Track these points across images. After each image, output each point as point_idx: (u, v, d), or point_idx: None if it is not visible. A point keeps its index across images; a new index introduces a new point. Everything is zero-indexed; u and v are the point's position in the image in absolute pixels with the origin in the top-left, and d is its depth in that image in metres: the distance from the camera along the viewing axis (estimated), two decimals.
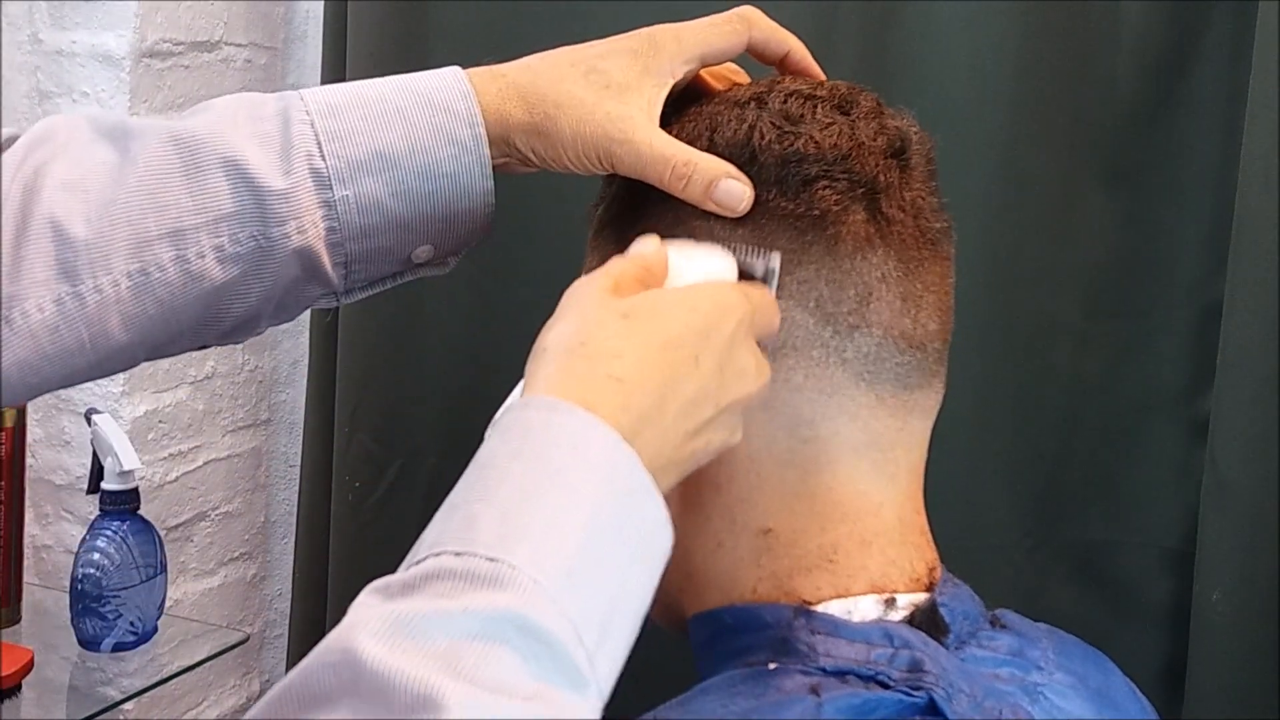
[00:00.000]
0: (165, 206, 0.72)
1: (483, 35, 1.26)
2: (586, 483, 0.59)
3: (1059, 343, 1.19)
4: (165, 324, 0.74)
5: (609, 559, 0.58)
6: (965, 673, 0.69)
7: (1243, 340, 1.07)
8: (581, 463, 0.59)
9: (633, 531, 0.60)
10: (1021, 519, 1.21)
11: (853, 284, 0.71)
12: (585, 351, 0.63)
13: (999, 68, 1.16)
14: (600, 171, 0.75)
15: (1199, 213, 1.15)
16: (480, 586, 0.54)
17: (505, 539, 0.56)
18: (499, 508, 0.57)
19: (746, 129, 0.73)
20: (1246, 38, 1.09)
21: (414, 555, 0.57)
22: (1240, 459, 1.07)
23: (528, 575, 0.55)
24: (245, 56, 1.45)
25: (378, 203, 0.74)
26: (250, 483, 1.55)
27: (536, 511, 0.57)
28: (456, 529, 0.57)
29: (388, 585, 0.56)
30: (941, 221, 0.75)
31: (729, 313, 0.66)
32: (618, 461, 0.60)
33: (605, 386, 0.61)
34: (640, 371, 0.62)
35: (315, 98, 0.75)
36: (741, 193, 0.72)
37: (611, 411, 0.60)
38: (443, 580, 0.55)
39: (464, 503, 0.58)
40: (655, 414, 0.62)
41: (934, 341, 0.74)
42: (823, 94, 0.75)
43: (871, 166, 0.72)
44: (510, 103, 0.75)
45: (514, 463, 0.59)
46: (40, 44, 1.35)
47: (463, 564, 0.55)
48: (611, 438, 0.60)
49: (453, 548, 0.56)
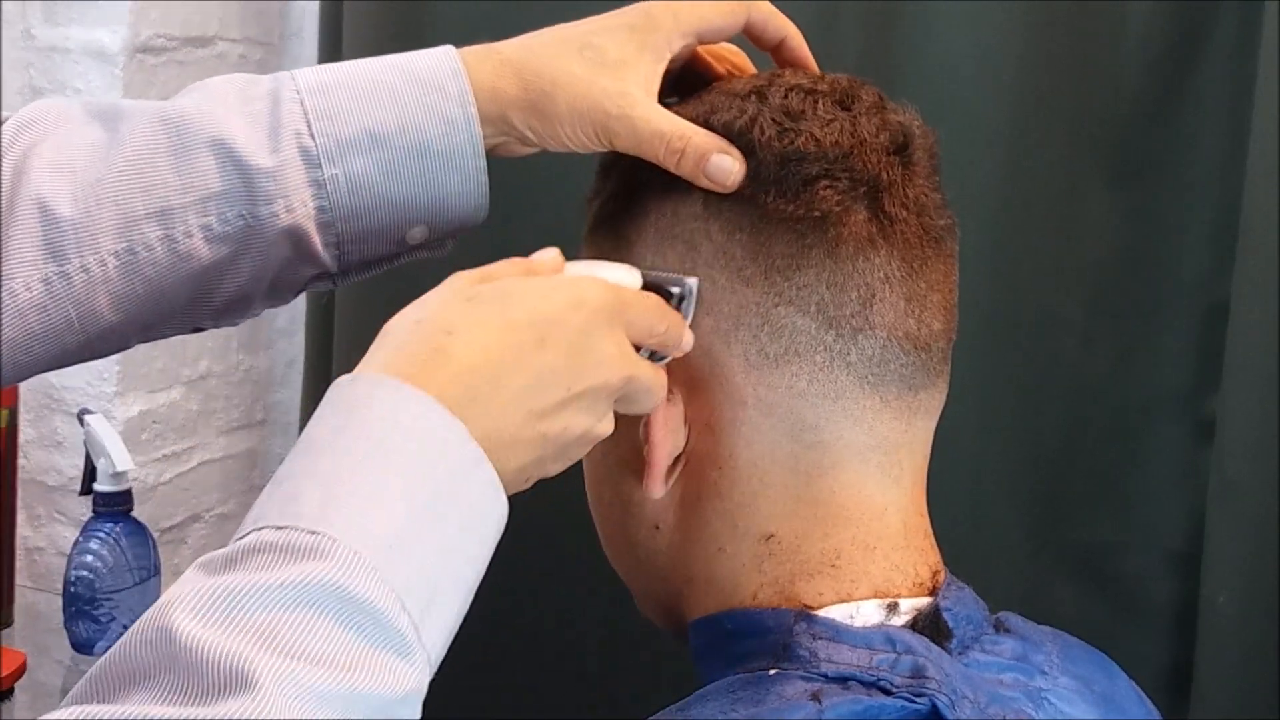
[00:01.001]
0: (152, 186, 0.72)
1: (478, 31, 1.24)
2: (407, 452, 0.58)
3: (1063, 342, 1.19)
4: (155, 304, 0.74)
5: (433, 527, 0.58)
6: (969, 678, 0.69)
7: (1249, 339, 1.06)
8: (402, 433, 0.59)
9: (461, 500, 0.60)
10: (1025, 520, 1.21)
11: (855, 286, 0.70)
12: (419, 329, 0.63)
13: (1003, 65, 1.16)
14: (597, 148, 0.75)
15: (1205, 211, 1.14)
16: (300, 559, 0.54)
17: (326, 511, 0.56)
18: (320, 481, 0.57)
19: (746, 121, 0.72)
20: (1252, 35, 1.08)
21: (239, 531, 0.57)
22: (1246, 460, 1.07)
23: (347, 546, 0.55)
24: (240, 52, 1.44)
25: (368, 182, 0.74)
26: (245, 484, 1.54)
27: (358, 483, 0.57)
28: (279, 503, 0.57)
29: (210, 560, 0.56)
30: (945, 219, 0.74)
31: (585, 301, 0.65)
32: (438, 431, 0.60)
33: (432, 360, 0.61)
34: (472, 348, 0.62)
35: (306, 76, 0.75)
36: (731, 166, 0.71)
37: (438, 384, 0.60)
38: (262, 554, 0.54)
39: (287, 477, 0.58)
40: (489, 389, 0.62)
41: (938, 341, 0.73)
42: (824, 89, 0.74)
43: (873, 164, 0.71)
44: (505, 79, 0.75)
45: (337, 437, 0.59)
46: (34, 40, 1.35)
47: (283, 537, 0.55)
48: (435, 409, 0.60)
49: (274, 522, 0.56)
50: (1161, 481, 1.18)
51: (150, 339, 0.78)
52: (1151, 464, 1.18)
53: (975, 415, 1.17)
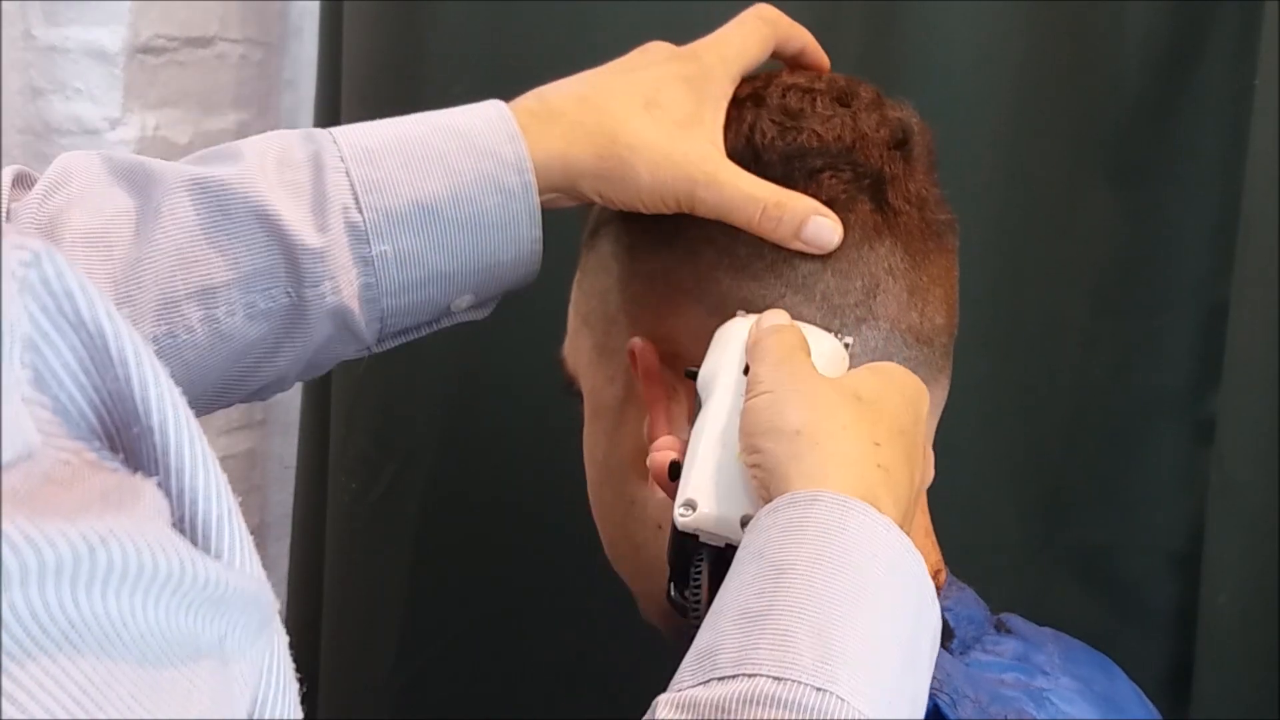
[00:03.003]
0: (193, 263, 0.69)
1: (479, 31, 1.26)
2: (894, 594, 0.56)
3: (1063, 342, 1.19)
4: (189, 385, 0.68)
5: (915, 667, 0.56)
6: (970, 678, 0.68)
7: (1249, 340, 1.06)
8: (886, 570, 0.56)
9: (927, 630, 0.58)
10: (1026, 521, 1.20)
11: (859, 275, 0.70)
12: (845, 440, 0.60)
13: (1003, 66, 1.16)
14: (673, 211, 0.72)
15: (1204, 211, 1.14)
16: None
17: (826, 663, 0.53)
18: (812, 624, 0.54)
19: (747, 129, 0.72)
20: (1252, 35, 1.08)
21: (708, 667, 0.54)
22: (1247, 461, 1.06)
23: (854, 708, 0.52)
24: (240, 52, 1.44)
25: (418, 257, 0.70)
26: (245, 484, 1.53)
27: (852, 631, 0.54)
28: (769, 647, 0.53)
29: (694, 705, 0.53)
30: (945, 214, 0.74)
31: (922, 398, 0.65)
32: (912, 567, 0.57)
33: (876, 479, 0.59)
34: (895, 461, 0.60)
35: (349, 140, 0.71)
36: (832, 230, 0.69)
37: (889, 506, 0.58)
38: (765, 706, 0.52)
39: (766, 613, 0.55)
40: (910, 498, 0.60)
41: (940, 336, 0.73)
42: (821, 87, 0.74)
43: (876, 158, 0.71)
44: (577, 146, 0.71)
45: (815, 569, 0.55)
46: (33, 40, 1.34)
47: (786, 692, 0.52)
48: (904, 541, 0.57)
49: (769, 671, 0.52)
50: (1161, 481, 1.17)
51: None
52: (1151, 464, 1.17)
53: (976, 415, 1.17)
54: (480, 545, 1.30)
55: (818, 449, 0.59)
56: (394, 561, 1.33)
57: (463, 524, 1.30)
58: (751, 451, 0.62)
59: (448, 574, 1.32)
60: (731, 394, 0.66)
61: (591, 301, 0.77)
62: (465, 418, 1.30)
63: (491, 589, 1.30)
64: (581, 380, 0.78)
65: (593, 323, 0.77)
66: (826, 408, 0.61)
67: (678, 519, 0.64)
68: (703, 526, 0.63)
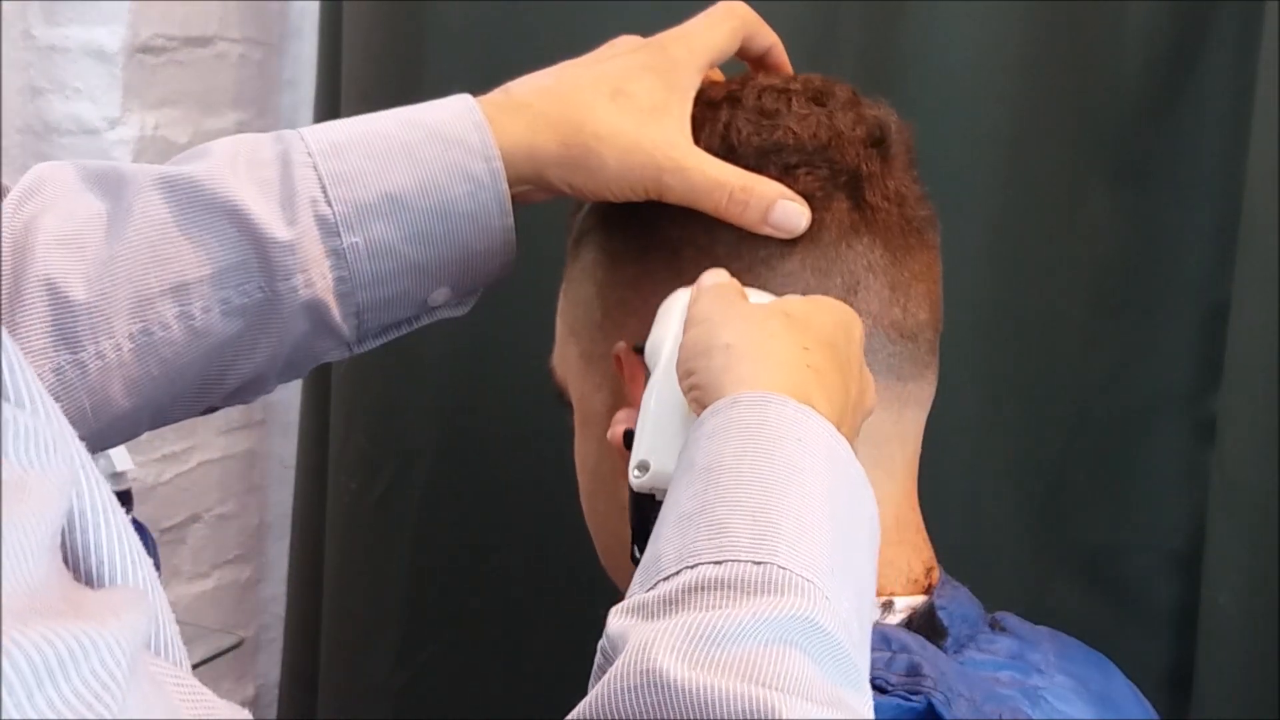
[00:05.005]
0: (166, 259, 0.69)
1: (478, 31, 1.26)
2: (819, 475, 0.56)
3: (1063, 341, 1.19)
4: (169, 384, 0.70)
5: (853, 551, 0.56)
6: (964, 676, 0.68)
7: (1250, 339, 1.06)
8: (809, 454, 0.57)
9: (864, 520, 0.58)
10: (1025, 520, 1.20)
11: (839, 272, 0.70)
12: (774, 346, 0.60)
13: (1003, 66, 1.16)
14: (641, 199, 0.72)
15: (1205, 210, 1.14)
16: (756, 592, 0.51)
17: (762, 542, 0.53)
18: (745, 510, 0.54)
19: (722, 127, 0.72)
20: (1253, 35, 1.08)
21: (653, 573, 0.54)
22: (1248, 460, 1.06)
23: (800, 575, 0.52)
24: (240, 52, 1.44)
25: (390, 247, 0.70)
26: (245, 484, 1.54)
27: (783, 510, 0.54)
28: (706, 538, 0.54)
29: (643, 605, 0.53)
30: (925, 210, 0.75)
31: (855, 324, 0.65)
32: (838, 450, 0.58)
33: (807, 377, 0.59)
34: (825, 366, 0.61)
35: (316, 136, 0.71)
36: (800, 214, 0.70)
37: (822, 405, 0.59)
38: (710, 590, 0.52)
39: (700, 510, 0.55)
40: (845, 405, 0.61)
41: (925, 332, 0.73)
42: (797, 88, 0.74)
43: (852, 156, 0.71)
44: (541, 135, 0.71)
45: (742, 461, 0.56)
46: (33, 40, 1.35)
47: (727, 572, 0.52)
48: (827, 426, 0.58)
49: (709, 557, 0.53)
50: (1162, 482, 1.17)
51: (159, 424, 0.74)
52: (1152, 464, 1.17)
53: (975, 414, 1.17)
54: (480, 545, 1.30)
55: (746, 358, 0.60)
56: (394, 561, 1.33)
57: (463, 524, 1.30)
58: (687, 375, 0.62)
59: (447, 574, 1.32)
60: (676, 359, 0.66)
61: (577, 310, 0.77)
62: (465, 418, 1.30)
63: (491, 589, 1.30)
64: (570, 389, 0.78)
65: (579, 331, 0.77)
66: (756, 322, 0.62)
67: (632, 481, 0.64)
68: (657, 485, 0.64)
